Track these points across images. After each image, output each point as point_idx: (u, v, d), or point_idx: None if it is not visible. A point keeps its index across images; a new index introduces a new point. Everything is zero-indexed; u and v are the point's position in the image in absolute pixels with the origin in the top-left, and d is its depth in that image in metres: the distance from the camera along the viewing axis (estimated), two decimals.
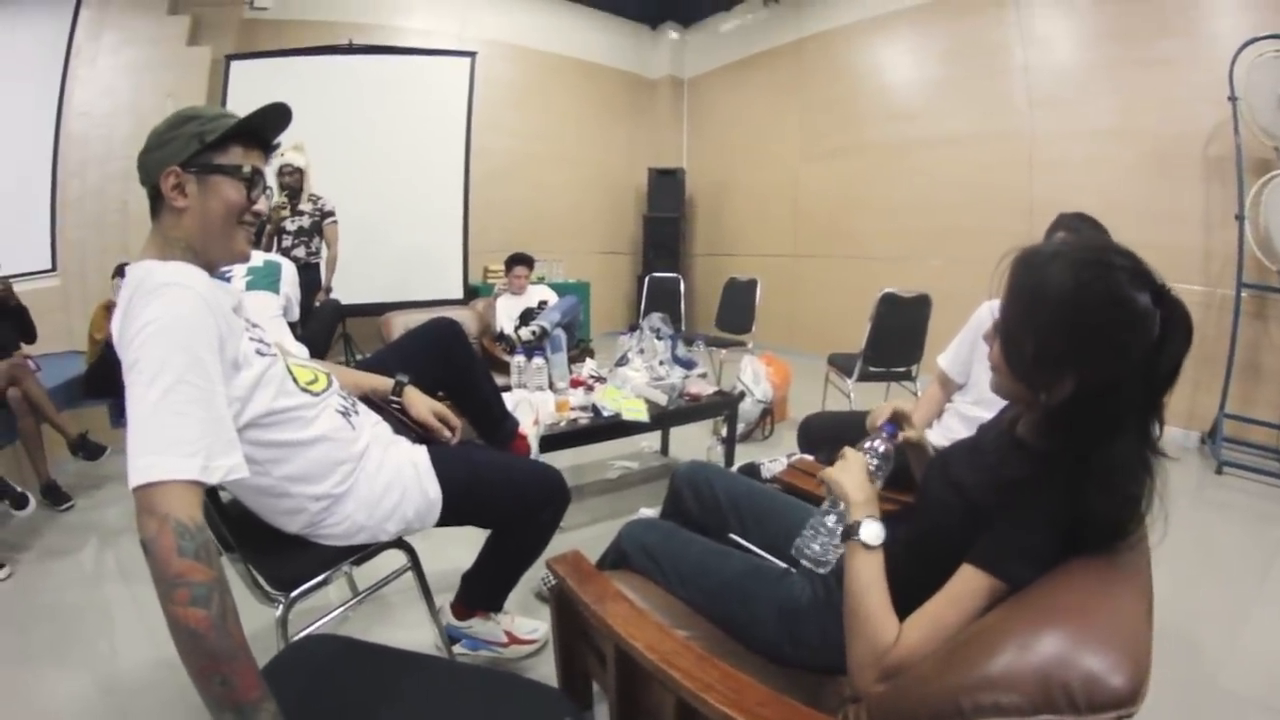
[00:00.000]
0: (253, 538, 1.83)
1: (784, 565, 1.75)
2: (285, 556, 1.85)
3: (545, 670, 1.82)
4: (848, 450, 1.53)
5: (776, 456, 3.41)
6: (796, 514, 1.93)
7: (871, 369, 5.21)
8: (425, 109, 8.13)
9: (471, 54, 8.36)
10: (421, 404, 2.21)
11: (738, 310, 7.14)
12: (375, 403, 2.19)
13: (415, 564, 2.12)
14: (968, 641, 1.10)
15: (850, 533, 1.36)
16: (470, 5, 9.56)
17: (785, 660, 1.59)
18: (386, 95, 7.85)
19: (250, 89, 7.16)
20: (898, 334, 5.20)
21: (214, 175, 1.57)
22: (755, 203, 10.56)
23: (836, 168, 9.25)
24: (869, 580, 1.31)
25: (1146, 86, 6.05)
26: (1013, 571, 1.20)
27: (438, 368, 2.43)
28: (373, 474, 1.89)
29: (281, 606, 1.81)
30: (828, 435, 3.27)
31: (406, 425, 2.20)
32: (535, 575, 2.45)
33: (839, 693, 1.49)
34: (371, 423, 2.05)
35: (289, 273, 3.76)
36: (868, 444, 1.55)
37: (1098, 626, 0.98)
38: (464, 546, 2.35)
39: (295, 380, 1.77)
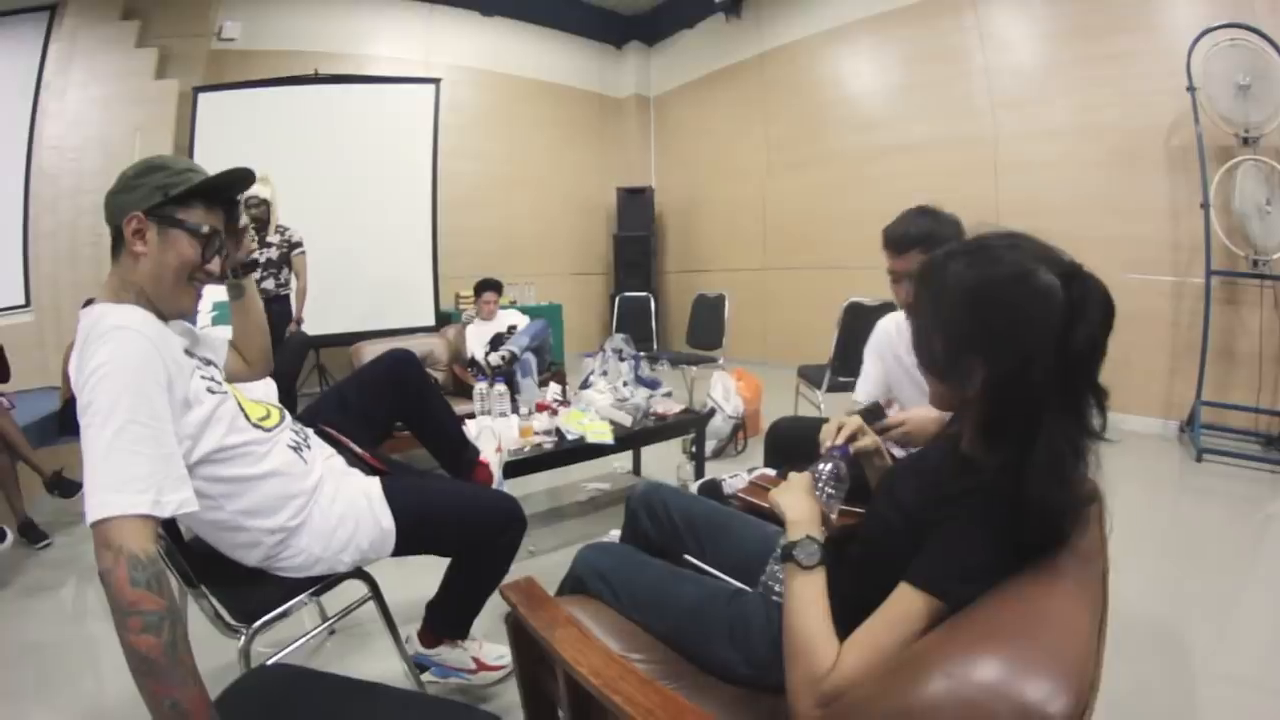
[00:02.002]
0: (215, 572, 1.89)
1: (738, 585, 1.74)
2: (247, 589, 1.92)
3: (515, 696, 1.85)
4: (792, 475, 1.54)
5: (737, 472, 3.45)
6: (753, 532, 1.95)
7: (840, 379, 5.15)
8: (392, 136, 8.15)
9: (436, 80, 8.41)
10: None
11: (707, 326, 7.13)
12: (330, 435, 2.24)
13: (376, 593, 2.16)
14: (901, 667, 1.05)
15: (786, 553, 1.35)
16: (434, 32, 9.61)
17: (741, 680, 1.57)
18: (353, 124, 7.87)
19: (219, 120, 7.21)
20: (865, 342, 5.13)
21: (174, 229, 1.66)
22: (724, 217, 10.62)
23: (803, 179, 9.33)
24: (806, 601, 1.29)
25: (1106, 82, 6.17)
26: (950, 589, 1.15)
27: (394, 399, 2.46)
28: (326, 507, 1.95)
29: (243, 638, 1.86)
30: (796, 443, 3.19)
31: (359, 458, 2.24)
32: (503, 601, 2.48)
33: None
34: (324, 456, 2.11)
35: None
36: (820, 466, 1.54)
37: (1036, 649, 0.93)
38: (433, 574, 2.37)
39: (247, 416, 1.84)
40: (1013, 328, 1.16)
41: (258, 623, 1.90)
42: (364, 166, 7.93)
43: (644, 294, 8.22)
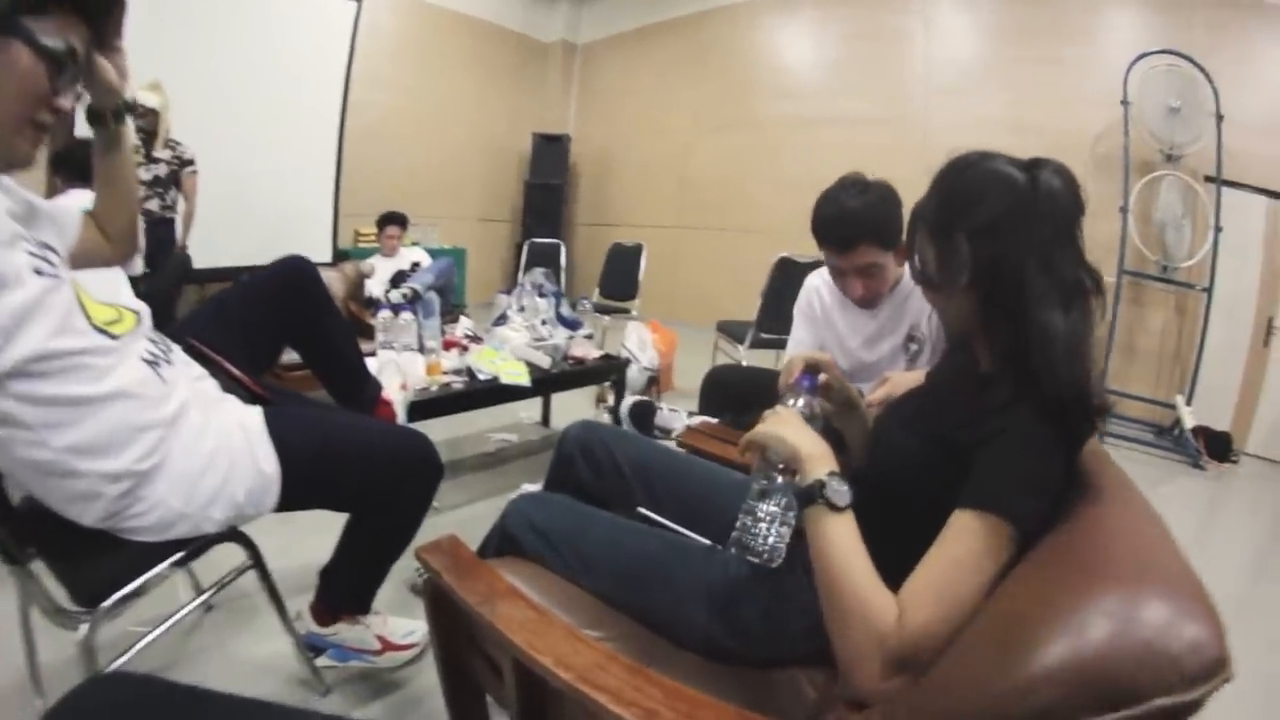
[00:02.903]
0: (48, 539, 1.43)
1: (709, 541, 1.53)
2: (87, 561, 1.45)
3: (429, 680, 1.50)
4: (777, 407, 1.33)
5: (675, 407, 3.18)
6: (719, 480, 1.74)
7: (764, 335, 5.05)
8: (301, 55, 7.46)
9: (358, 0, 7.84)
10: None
11: (622, 277, 7.04)
12: (200, 352, 1.79)
13: (257, 560, 1.72)
14: (1020, 617, 0.84)
15: (811, 495, 1.11)
16: None
17: (723, 655, 1.35)
18: (260, 36, 7.06)
19: None
20: (793, 300, 5.02)
21: (13, 39, 1.12)
22: (642, 173, 10.63)
23: (728, 142, 9.49)
24: (848, 550, 1.07)
25: (1043, 85, 6.81)
26: (1017, 509, 1.02)
27: (285, 314, 2.07)
28: (190, 444, 1.49)
29: (85, 628, 1.39)
30: (738, 391, 3.09)
31: (237, 381, 1.81)
32: (409, 564, 2.05)
33: (798, 692, 1.29)
34: (191, 376, 1.65)
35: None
36: (791, 402, 1.37)
37: (1164, 580, 0.78)
38: (327, 535, 1.96)
39: (87, 316, 1.36)
40: (977, 203, 1.22)
41: (103, 605, 1.41)
42: (269, 84, 7.19)
43: (554, 240, 7.96)
